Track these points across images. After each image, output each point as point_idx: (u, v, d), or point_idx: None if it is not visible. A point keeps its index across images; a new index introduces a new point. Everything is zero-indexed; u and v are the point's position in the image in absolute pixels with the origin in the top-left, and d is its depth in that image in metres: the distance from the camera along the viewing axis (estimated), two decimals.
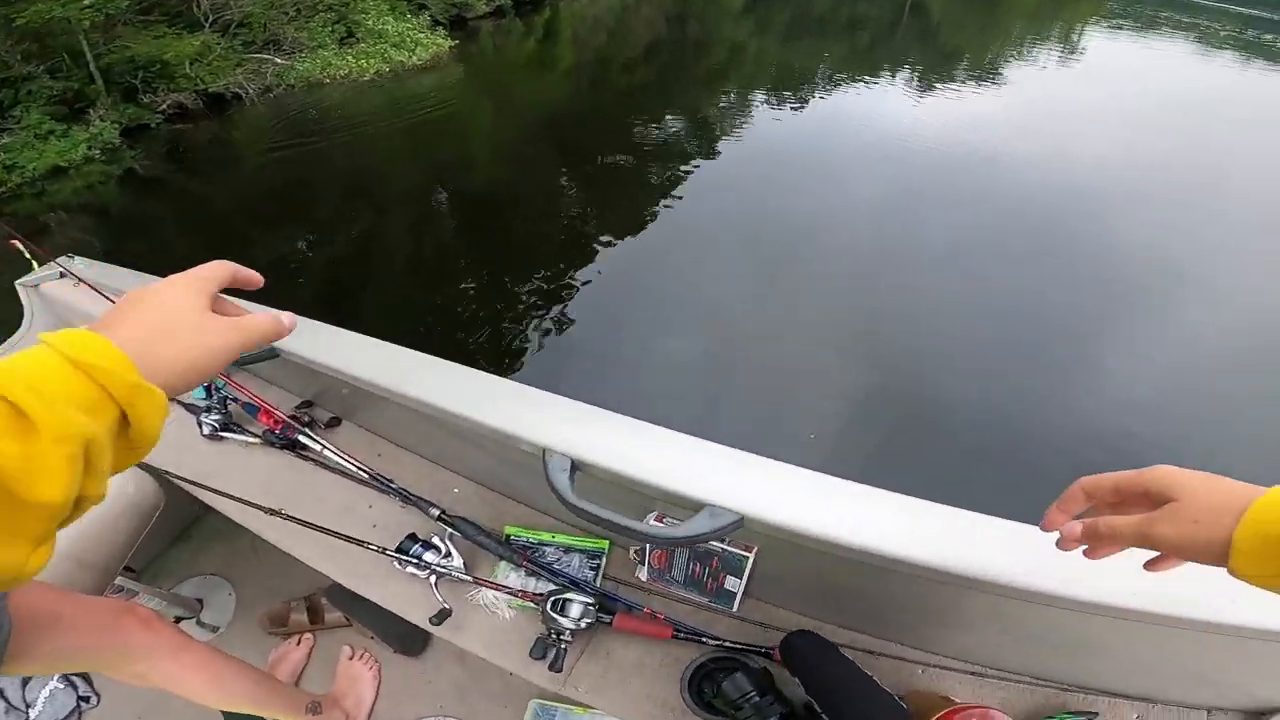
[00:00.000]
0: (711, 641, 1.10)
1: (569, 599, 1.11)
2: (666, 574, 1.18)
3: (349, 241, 6.20)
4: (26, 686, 1.59)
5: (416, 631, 1.35)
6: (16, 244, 1.54)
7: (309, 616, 1.72)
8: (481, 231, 6.49)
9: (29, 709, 1.55)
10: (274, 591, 1.80)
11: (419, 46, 10.63)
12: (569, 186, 7.27)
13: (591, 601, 1.11)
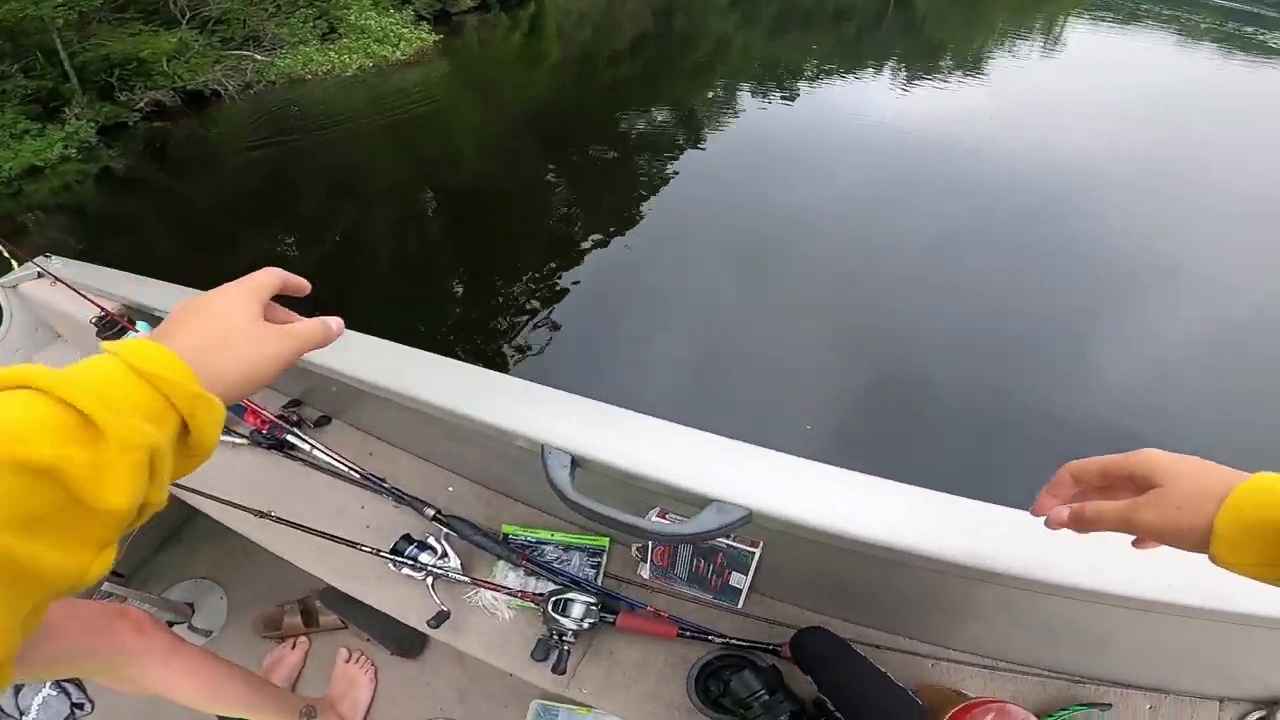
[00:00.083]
0: (717, 639, 1.07)
1: (571, 599, 1.08)
2: (669, 571, 1.16)
3: (333, 239, 6.14)
4: (19, 694, 1.56)
5: (414, 633, 1.32)
6: None
7: (303, 619, 1.69)
8: (467, 227, 6.44)
9: (22, 716, 1.52)
10: (266, 594, 1.76)
11: (403, 41, 10.52)
12: (555, 182, 7.22)
13: (594, 601, 1.09)
